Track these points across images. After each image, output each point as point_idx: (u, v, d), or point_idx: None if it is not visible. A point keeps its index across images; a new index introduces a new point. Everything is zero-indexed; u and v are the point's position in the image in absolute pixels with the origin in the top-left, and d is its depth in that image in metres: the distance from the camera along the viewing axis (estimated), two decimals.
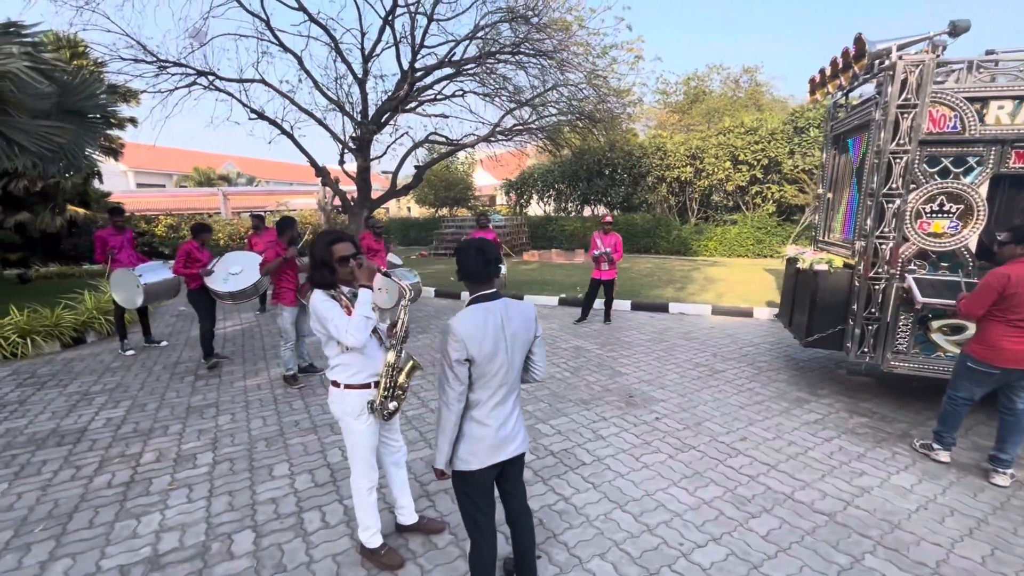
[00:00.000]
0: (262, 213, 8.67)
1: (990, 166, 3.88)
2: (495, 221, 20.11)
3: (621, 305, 8.64)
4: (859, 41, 4.15)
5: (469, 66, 11.97)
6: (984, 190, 3.92)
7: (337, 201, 19.39)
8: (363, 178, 14.13)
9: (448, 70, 12.41)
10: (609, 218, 7.68)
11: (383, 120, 13.39)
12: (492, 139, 14.81)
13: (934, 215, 4.06)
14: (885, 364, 4.22)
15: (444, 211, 24.94)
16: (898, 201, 4.04)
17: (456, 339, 1.88)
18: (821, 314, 4.60)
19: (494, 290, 2.05)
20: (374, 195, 15.27)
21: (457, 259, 2.06)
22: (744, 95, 26.38)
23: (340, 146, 13.96)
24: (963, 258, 4.08)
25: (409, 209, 31.84)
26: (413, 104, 13.50)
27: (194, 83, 11.91)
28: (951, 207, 4.01)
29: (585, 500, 3.08)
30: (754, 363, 5.75)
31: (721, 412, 4.39)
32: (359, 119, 13.26)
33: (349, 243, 2.41)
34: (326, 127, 13.56)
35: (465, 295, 8.91)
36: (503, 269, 8.04)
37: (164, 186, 34.02)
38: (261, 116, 12.78)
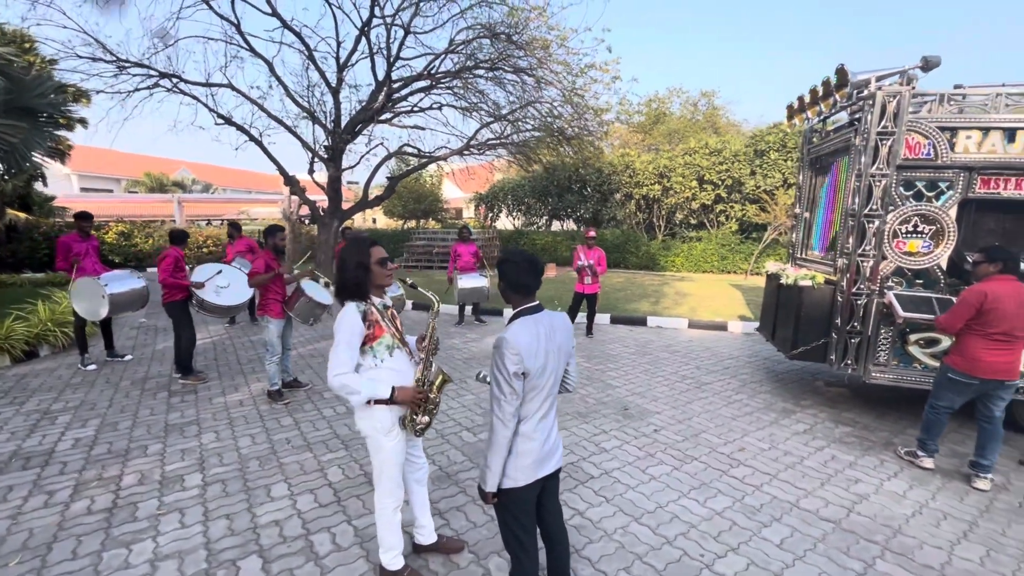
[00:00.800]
0: (239, 221, 8.33)
1: (959, 190, 4.19)
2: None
3: (600, 319, 8.76)
4: (841, 72, 4.42)
5: (447, 79, 12.01)
6: (953, 212, 4.23)
7: (304, 211, 18.97)
8: (334, 188, 13.87)
9: (425, 82, 12.40)
10: (593, 233, 7.81)
11: (357, 130, 13.21)
12: (466, 152, 14.87)
13: (909, 235, 4.34)
14: (867, 375, 4.44)
15: (412, 223, 24.71)
16: (877, 221, 4.30)
17: (514, 351, 1.85)
18: (805, 328, 4.80)
19: (538, 302, 2.04)
20: (344, 206, 15.00)
21: (503, 270, 2.03)
22: (702, 118, 27.60)
23: (310, 155, 13.68)
24: (935, 275, 4.37)
25: (375, 221, 31.36)
26: (388, 115, 13.40)
27: (156, 85, 11.41)
28: (924, 228, 4.30)
29: (600, 514, 3.07)
30: (737, 375, 5.92)
31: (715, 423, 4.49)
32: (332, 128, 13.04)
33: (381, 247, 2.36)
34: (297, 135, 13.27)
35: (447, 308, 8.80)
36: (487, 281, 8.04)
37: (112, 191, 32.22)
38: (229, 122, 12.36)
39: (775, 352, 6.88)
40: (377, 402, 2.26)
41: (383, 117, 13.14)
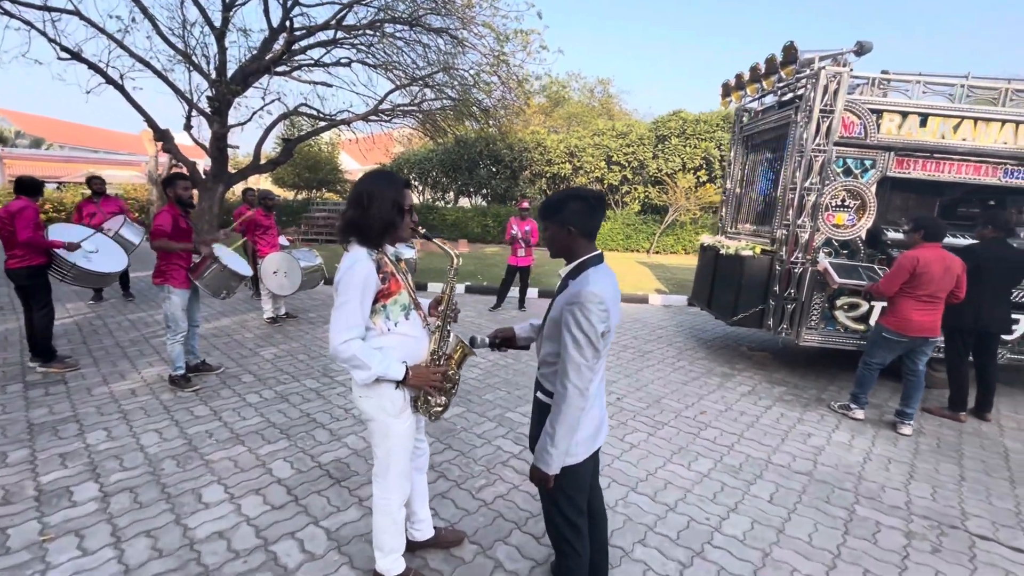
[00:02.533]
0: (102, 177, 6.78)
1: (880, 169, 4.60)
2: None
3: (528, 293, 8.64)
4: (789, 49, 4.61)
5: (357, 32, 10.91)
6: (874, 189, 4.65)
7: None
8: (219, 147, 12.11)
9: (331, 33, 11.16)
10: (526, 204, 7.58)
11: (248, 81, 11.56)
12: (373, 118, 13.78)
13: (837, 208, 4.70)
14: (800, 338, 4.79)
15: (306, 194, 22.64)
16: (815, 195, 4.59)
17: (603, 306, 1.54)
18: (745, 295, 5.05)
19: (599, 251, 1.74)
20: (231, 168, 13.19)
21: (573, 211, 1.64)
22: (599, 104, 28.70)
23: (188, 107, 11.75)
24: (857, 246, 4.80)
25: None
26: (287, 68, 11.90)
27: None
28: (850, 202, 4.68)
29: None
30: (672, 344, 6.14)
31: (670, 389, 4.56)
32: (216, 77, 11.27)
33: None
34: (169, 82, 11.28)
35: None
36: (414, 252, 7.46)
37: None
38: (77, 57, 10.10)
39: (699, 321, 7.29)
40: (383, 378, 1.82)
41: (280, 69, 11.64)
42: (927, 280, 3.68)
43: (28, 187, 4.06)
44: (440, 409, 2.01)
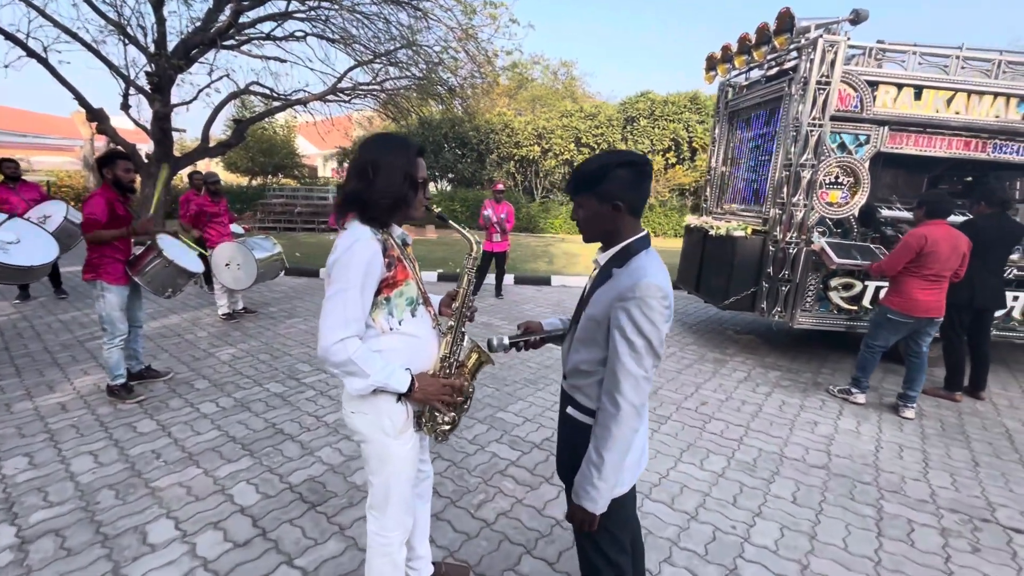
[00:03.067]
0: (16, 160, 5.97)
1: (874, 144, 4.44)
2: (331, 193, 17.99)
3: (505, 280, 8.29)
4: (784, 16, 4.36)
5: (314, 4, 10.11)
6: (867, 165, 4.49)
7: None
8: (162, 128, 11.12)
9: (284, 5, 10.33)
10: (501, 186, 7.19)
11: (192, 56, 10.61)
12: (331, 98, 13.00)
13: (831, 186, 4.53)
14: (794, 321, 4.63)
15: (261, 179, 21.43)
16: (810, 171, 4.40)
17: (667, 301, 1.22)
18: (738, 278, 4.85)
19: (646, 231, 1.40)
20: (177, 152, 12.19)
21: (621, 180, 1.29)
22: (562, 87, 28.41)
23: (125, 85, 10.70)
24: (849, 224, 4.66)
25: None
26: (234, 42, 10.98)
27: None
28: (844, 179, 4.52)
29: None
30: None
31: (666, 378, 4.33)
32: (155, 51, 10.28)
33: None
34: (101, 56, 10.22)
35: None
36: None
37: None
38: None
39: (680, 305, 7.12)
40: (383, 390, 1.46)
41: (227, 43, 10.71)
42: (934, 259, 3.53)
43: None
44: (448, 427, 1.66)
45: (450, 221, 1.67)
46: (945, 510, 2.61)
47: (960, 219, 4.63)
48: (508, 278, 8.39)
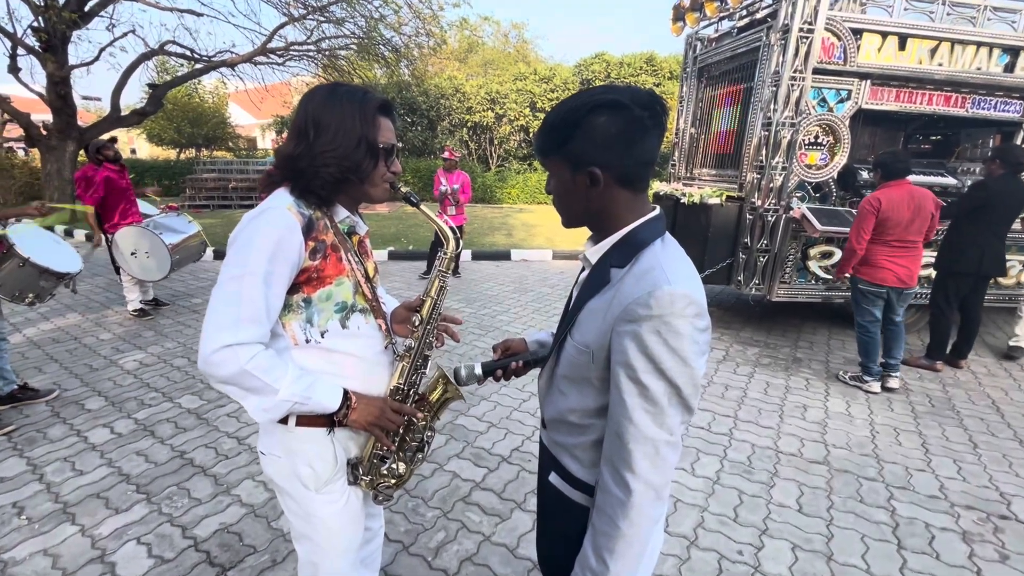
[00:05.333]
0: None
1: (855, 100, 4.11)
2: (268, 164, 16.66)
3: (463, 256, 7.74)
4: None
5: None
6: (847, 123, 4.16)
7: (13, 131, 13.40)
8: (59, 94, 9.79)
9: None
10: (450, 153, 6.52)
11: (89, 9, 9.22)
12: (264, 59, 11.78)
13: (810, 147, 4.20)
14: (773, 293, 4.34)
15: (191, 152, 19.63)
16: (791, 131, 4.03)
17: (702, 321, 0.80)
18: (713, 248, 4.50)
19: (658, 209, 0.92)
20: (82, 121, 10.78)
21: (577, 132, 0.83)
22: (514, 51, 27.43)
23: (11, 44, 9.22)
24: (828, 188, 4.36)
25: (134, 151, 24.33)
26: None
27: None
28: (823, 139, 4.18)
29: None
30: None
31: None
32: (42, 2, 8.83)
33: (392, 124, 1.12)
34: None
35: None
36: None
37: None
38: None
39: None
40: (304, 421, 1.06)
41: None
42: (893, 224, 3.26)
43: None
44: (394, 482, 1.20)
45: (422, 207, 1.21)
46: (960, 507, 2.36)
47: (947, 180, 4.43)
48: (465, 254, 7.84)
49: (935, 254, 3.93)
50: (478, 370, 1.17)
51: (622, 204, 0.88)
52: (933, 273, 3.98)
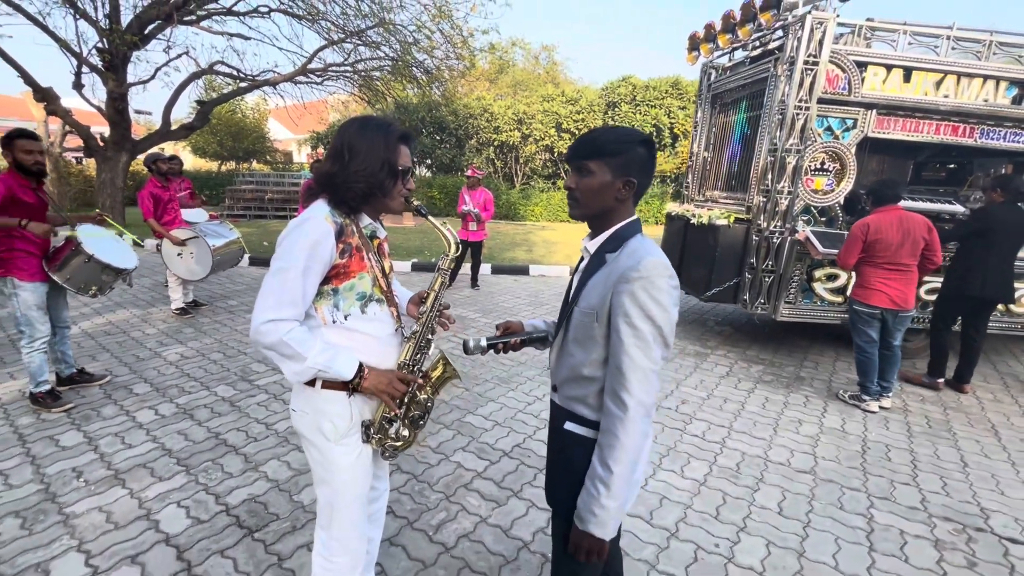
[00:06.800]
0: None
1: (861, 129, 4.26)
2: (303, 178, 17.40)
3: (482, 269, 8.02)
4: None
5: None
6: (854, 151, 4.31)
7: (73, 141, 14.37)
8: (117, 109, 10.55)
9: None
10: (472, 172, 6.85)
11: (148, 32, 9.99)
12: (301, 79, 12.44)
13: (816, 173, 4.35)
14: (778, 314, 4.46)
15: (231, 165, 20.67)
16: (796, 157, 4.19)
17: (675, 281, 1.11)
18: (720, 268, 4.66)
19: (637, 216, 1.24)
20: (134, 134, 11.55)
21: (626, 152, 1.15)
22: (544, 72, 27.98)
23: (76, 62, 10.04)
24: (835, 213, 4.49)
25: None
26: (194, 17, 10.36)
27: None
28: (830, 166, 4.33)
29: None
30: None
31: None
32: (108, 25, 9.64)
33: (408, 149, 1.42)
34: (48, 31, 9.55)
35: None
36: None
37: None
38: None
39: None
40: (328, 385, 1.33)
41: (186, 18, 10.09)
42: (882, 247, 3.40)
43: None
44: (400, 444, 1.45)
45: (429, 217, 1.51)
46: (938, 518, 2.46)
47: (955, 208, 4.52)
48: (485, 268, 8.12)
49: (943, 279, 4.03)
50: (483, 342, 1.41)
51: (626, 208, 1.21)
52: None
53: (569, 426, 1.24)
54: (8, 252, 2.88)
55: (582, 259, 1.28)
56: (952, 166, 5.37)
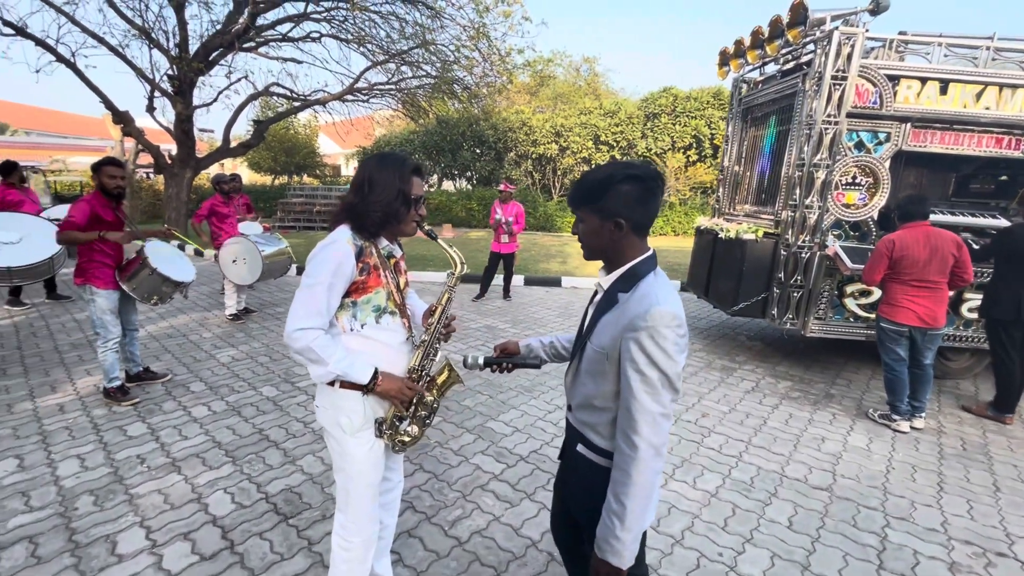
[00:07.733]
0: (32, 164, 6.15)
1: (895, 142, 4.18)
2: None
3: (515, 280, 8.20)
4: (798, 7, 4.13)
5: (329, 5, 10.18)
6: (888, 165, 4.23)
7: (144, 158, 15.60)
8: (184, 129, 11.44)
9: (299, 6, 10.43)
10: (505, 186, 7.05)
11: (212, 59, 10.83)
12: (349, 98, 13.06)
13: (848, 187, 4.29)
14: (807, 329, 4.41)
15: (284, 179, 21.85)
16: (825, 172, 4.17)
17: (683, 330, 1.16)
18: (747, 282, 4.65)
19: (652, 250, 1.30)
20: (198, 152, 12.47)
21: (626, 194, 1.20)
22: (585, 84, 28.06)
23: (149, 87, 10.98)
24: (868, 227, 4.40)
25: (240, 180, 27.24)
26: (253, 44, 11.15)
27: None
28: (862, 180, 4.27)
29: None
30: None
31: None
32: (177, 54, 10.52)
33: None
34: (126, 60, 10.50)
35: None
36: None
37: None
38: (21, 33, 9.34)
39: (693, 309, 6.91)
40: (345, 385, 1.53)
41: (246, 45, 10.89)
42: (909, 264, 3.34)
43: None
44: (408, 440, 1.64)
45: (438, 240, 1.73)
46: (957, 541, 2.41)
47: (1000, 222, 4.36)
48: (518, 279, 8.30)
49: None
50: (480, 360, 1.60)
51: (631, 246, 1.25)
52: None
53: (581, 449, 1.34)
54: (88, 263, 3.30)
55: (596, 292, 1.34)
56: (1003, 178, 5.14)
